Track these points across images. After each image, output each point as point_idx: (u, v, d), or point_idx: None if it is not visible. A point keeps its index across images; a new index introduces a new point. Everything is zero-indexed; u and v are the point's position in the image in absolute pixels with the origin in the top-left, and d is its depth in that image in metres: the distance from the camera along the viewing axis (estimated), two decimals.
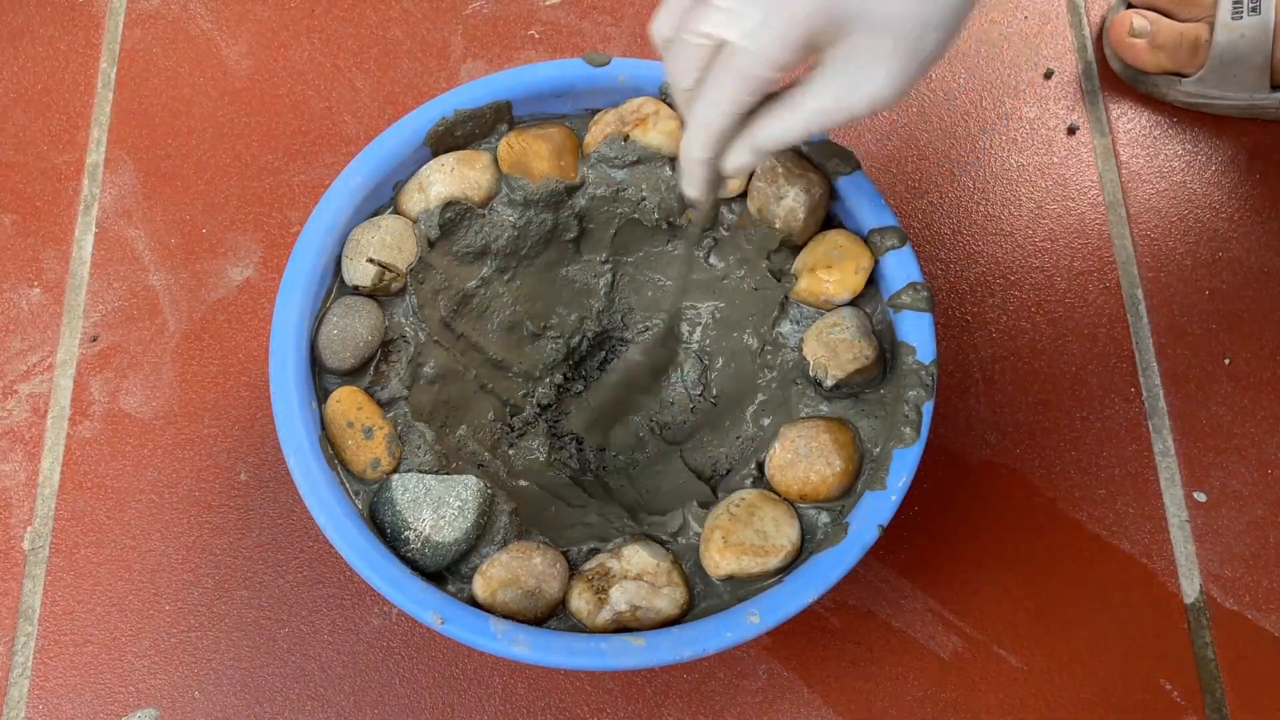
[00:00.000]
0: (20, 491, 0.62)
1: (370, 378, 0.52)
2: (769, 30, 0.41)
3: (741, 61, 0.42)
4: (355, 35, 0.73)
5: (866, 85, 0.42)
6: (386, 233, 0.53)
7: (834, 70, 0.42)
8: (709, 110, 0.43)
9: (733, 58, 0.42)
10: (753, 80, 0.42)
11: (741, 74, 0.42)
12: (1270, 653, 0.59)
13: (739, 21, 0.41)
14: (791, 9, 0.40)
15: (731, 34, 0.41)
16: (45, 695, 0.58)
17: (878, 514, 0.49)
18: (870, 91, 0.42)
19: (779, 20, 0.40)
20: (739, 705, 0.57)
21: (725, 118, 0.43)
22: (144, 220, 0.68)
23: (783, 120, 0.43)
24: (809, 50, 0.41)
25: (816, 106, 0.43)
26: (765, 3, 0.41)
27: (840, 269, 0.53)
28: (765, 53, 0.41)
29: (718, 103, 0.43)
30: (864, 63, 0.41)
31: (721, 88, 0.43)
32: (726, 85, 0.42)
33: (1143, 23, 0.69)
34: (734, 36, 0.41)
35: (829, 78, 0.42)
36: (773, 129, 0.44)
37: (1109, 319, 0.66)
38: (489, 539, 0.50)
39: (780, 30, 0.40)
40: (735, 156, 0.45)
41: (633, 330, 0.61)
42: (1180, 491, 0.62)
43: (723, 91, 0.43)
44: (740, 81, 0.42)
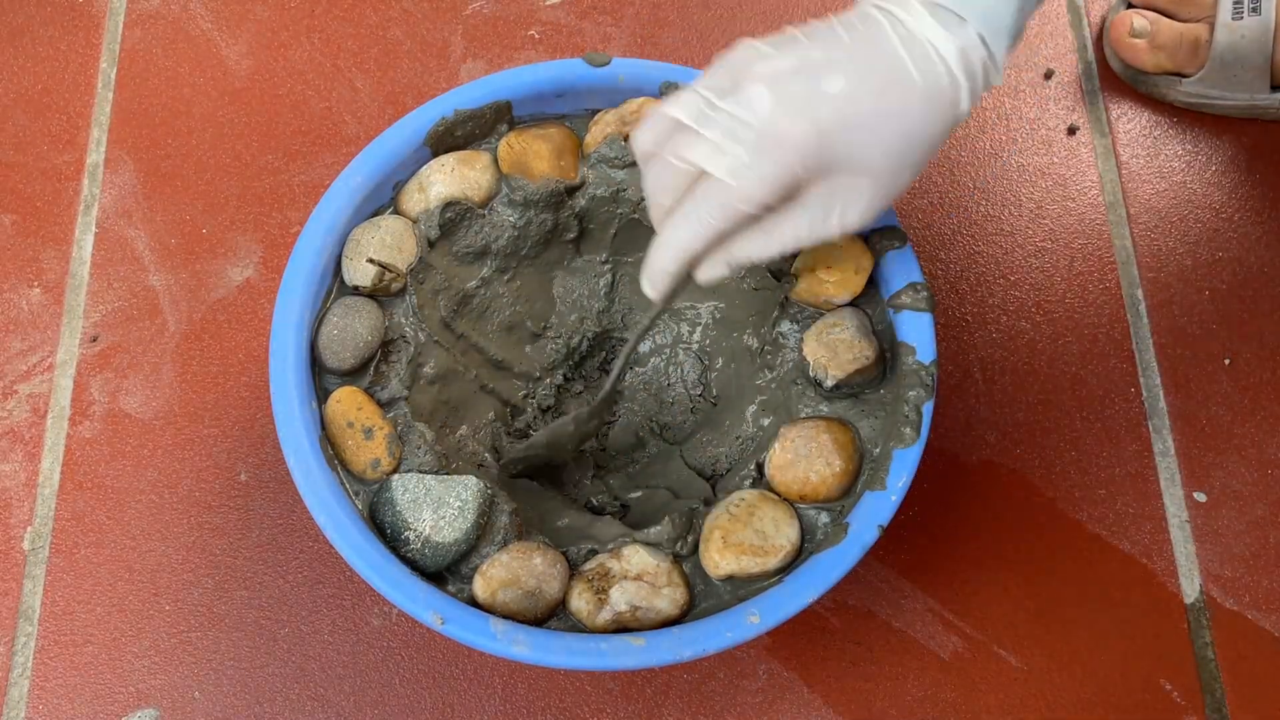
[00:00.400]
0: (20, 491, 0.62)
1: (370, 378, 0.52)
2: (755, 172, 0.42)
3: (723, 196, 0.42)
4: (355, 35, 0.73)
5: (841, 218, 0.43)
6: (386, 233, 0.53)
7: (811, 203, 0.43)
8: (684, 231, 0.44)
9: (715, 190, 0.43)
10: (733, 214, 0.43)
11: (722, 207, 0.43)
12: (1270, 653, 0.59)
13: (725, 158, 0.42)
14: (780, 155, 0.41)
15: (717, 169, 0.42)
16: (45, 695, 0.58)
17: (878, 514, 0.49)
18: (843, 223, 0.44)
19: (766, 163, 0.41)
20: (739, 705, 0.57)
21: (700, 241, 0.44)
22: (144, 220, 0.68)
23: (759, 244, 0.44)
24: (791, 189, 0.43)
25: (792, 233, 0.44)
26: (754, 144, 0.41)
27: (840, 269, 0.53)
28: (748, 192, 0.42)
29: (694, 228, 0.44)
30: (841, 198, 0.43)
31: (700, 215, 0.43)
32: (705, 214, 0.43)
33: (1143, 23, 0.69)
34: (719, 172, 0.42)
35: (806, 208, 0.43)
36: (749, 250, 0.45)
37: (1109, 319, 0.66)
38: (489, 539, 0.50)
39: (766, 173, 0.42)
40: (709, 269, 0.46)
41: (633, 330, 0.61)
42: (1180, 491, 0.62)
43: (701, 219, 0.43)
44: (720, 213, 0.43)
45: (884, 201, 0.44)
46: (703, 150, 0.42)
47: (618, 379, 0.55)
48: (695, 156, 0.43)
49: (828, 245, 0.54)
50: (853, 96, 0.41)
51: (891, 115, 0.42)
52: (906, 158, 0.43)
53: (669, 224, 0.45)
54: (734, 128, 0.42)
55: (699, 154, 0.43)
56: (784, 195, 0.43)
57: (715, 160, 0.42)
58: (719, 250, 0.45)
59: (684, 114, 0.43)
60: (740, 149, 0.42)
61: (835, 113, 0.41)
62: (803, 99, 0.41)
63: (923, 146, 0.43)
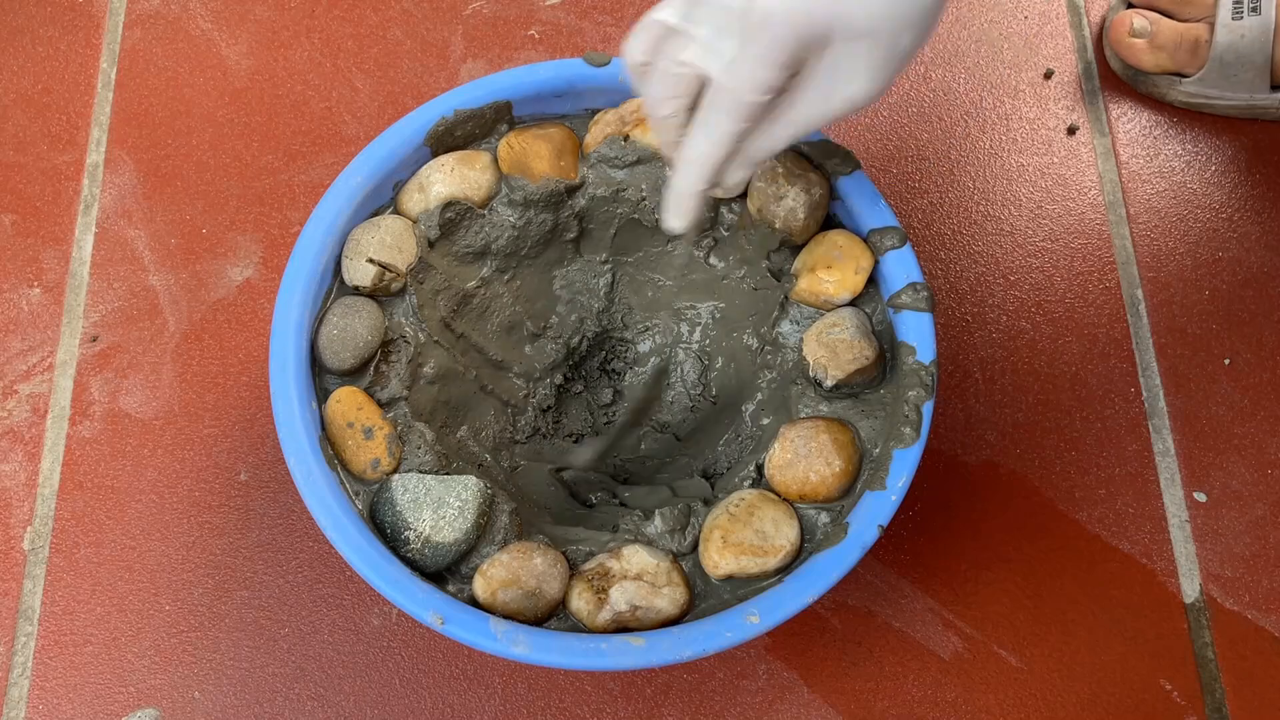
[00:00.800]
0: (20, 491, 0.62)
1: (370, 378, 0.52)
2: (749, 59, 0.41)
3: (728, 94, 0.42)
4: (355, 35, 0.73)
5: (846, 88, 0.42)
6: (386, 233, 0.53)
7: (816, 78, 0.42)
8: (705, 145, 0.44)
9: (719, 92, 0.42)
10: (744, 108, 0.42)
11: (732, 106, 0.42)
12: (1270, 653, 0.59)
13: (717, 53, 0.42)
14: (765, 35, 0.40)
15: (711, 66, 0.42)
16: (45, 695, 0.58)
17: (878, 514, 0.49)
18: (850, 94, 0.42)
19: (758, 47, 0.41)
20: (739, 705, 0.57)
21: (720, 148, 0.44)
22: (144, 220, 0.68)
23: (772, 134, 0.44)
24: (792, 67, 0.42)
25: (802, 114, 0.43)
26: (740, 31, 0.41)
27: (840, 269, 0.53)
28: (750, 81, 0.41)
29: (710, 135, 0.43)
30: (844, 68, 0.42)
31: (713, 122, 0.43)
32: (717, 118, 0.43)
33: (1143, 23, 0.69)
34: (714, 69, 0.42)
35: (811, 86, 0.42)
36: (763, 143, 0.44)
37: (1109, 319, 0.66)
38: (489, 539, 0.50)
39: (759, 56, 0.41)
40: (732, 173, 0.46)
41: (633, 330, 0.61)
42: (1180, 491, 0.62)
43: (715, 124, 0.43)
44: (731, 112, 0.42)
45: (890, 68, 0.42)
46: (694, 50, 0.42)
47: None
48: (689, 57, 0.42)
49: (828, 245, 0.54)
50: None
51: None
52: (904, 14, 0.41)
53: (687, 144, 0.44)
54: (719, 19, 0.41)
55: (692, 54, 0.42)
56: (786, 72, 0.42)
57: (708, 58, 0.42)
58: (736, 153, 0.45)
59: (671, 16, 0.43)
60: (730, 41, 0.41)
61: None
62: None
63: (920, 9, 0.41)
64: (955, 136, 0.70)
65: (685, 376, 0.61)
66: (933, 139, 0.70)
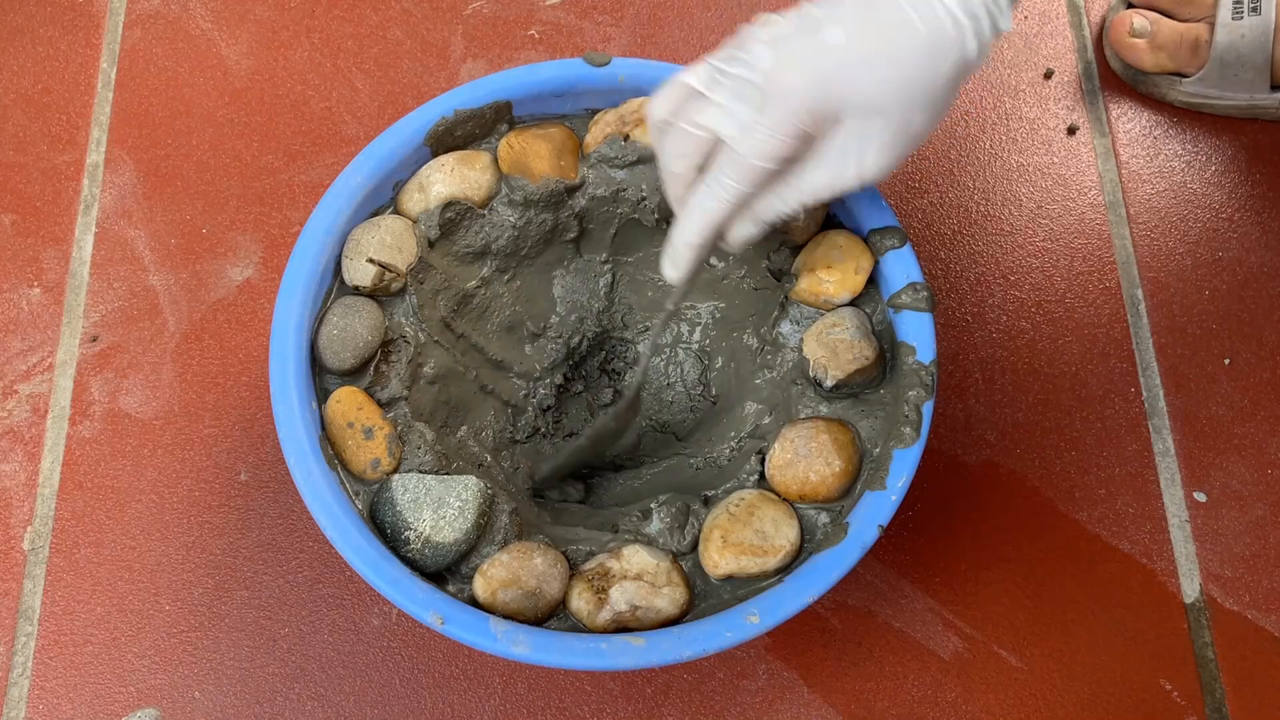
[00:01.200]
0: (20, 491, 0.62)
1: (370, 378, 0.52)
2: (763, 127, 0.43)
3: (738, 158, 0.44)
4: (355, 35, 0.73)
5: (858, 163, 0.44)
6: (386, 233, 0.53)
7: (828, 150, 0.44)
8: (709, 201, 0.46)
9: (730, 154, 0.44)
10: (751, 173, 0.44)
11: (739, 168, 0.44)
12: (1270, 653, 0.59)
13: (733, 118, 0.44)
14: (781, 106, 0.43)
15: (726, 130, 0.44)
16: (45, 695, 0.58)
17: (878, 514, 0.49)
18: (860, 170, 0.44)
19: (773, 117, 0.43)
20: (739, 705, 0.57)
21: (724, 207, 0.46)
22: (144, 220, 0.68)
23: (782, 198, 0.46)
24: (804, 140, 0.44)
25: (811, 184, 0.45)
26: (759, 100, 0.43)
27: (840, 269, 0.53)
28: (761, 148, 0.43)
29: (716, 194, 0.45)
30: (856, 143, 0.44)
31: (721, 181, 0.45)
32: (725, 179, 0.45)
33: (1143, 23, 0.69)
34: (729, 132, 0.44)
35: (824, 157, 0.44)
36: (775, 205, 0.46)
37: (1109, 319, 0.66)
38: (489, 539, 0.50)
39: (774, 125, 0.43)
40: (740, 230, 0.47)
41: (633, 330, 0.61)
42: (1180, 491, 0.62)
43: (722, 184, 0.45)
44: (739, 175, 0.44)
45: (900, 147, 0.44)
46: (713, 113, 0.44)
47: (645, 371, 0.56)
48: (706, 120, 0.44)
49: (828, 245, 0.54)
50: (852, 44, 0.42)
51: (893, 57, 0.42)
52: (915, 98, 0.43)
53: (692, 197, 0.46)
54: (740, 88, 0.43)
55: (709, 117, 0.44)
56: (797, 146, 0.44)
57: (725, 122, 0.44)
58: (745, 212, 0.46)
59: (696, 80, 0.45)
60: (746, 107, 0.43)
61: (836, 60, 0.42)
62: (803, 52, 0.43)
63: (931, 87, 0.43)
64: (955, 136, 0.70)
65: (685, 376, 0.61)
66: (933, 139, 0.70)
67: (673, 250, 0.48)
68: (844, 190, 0.45)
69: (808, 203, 0.46)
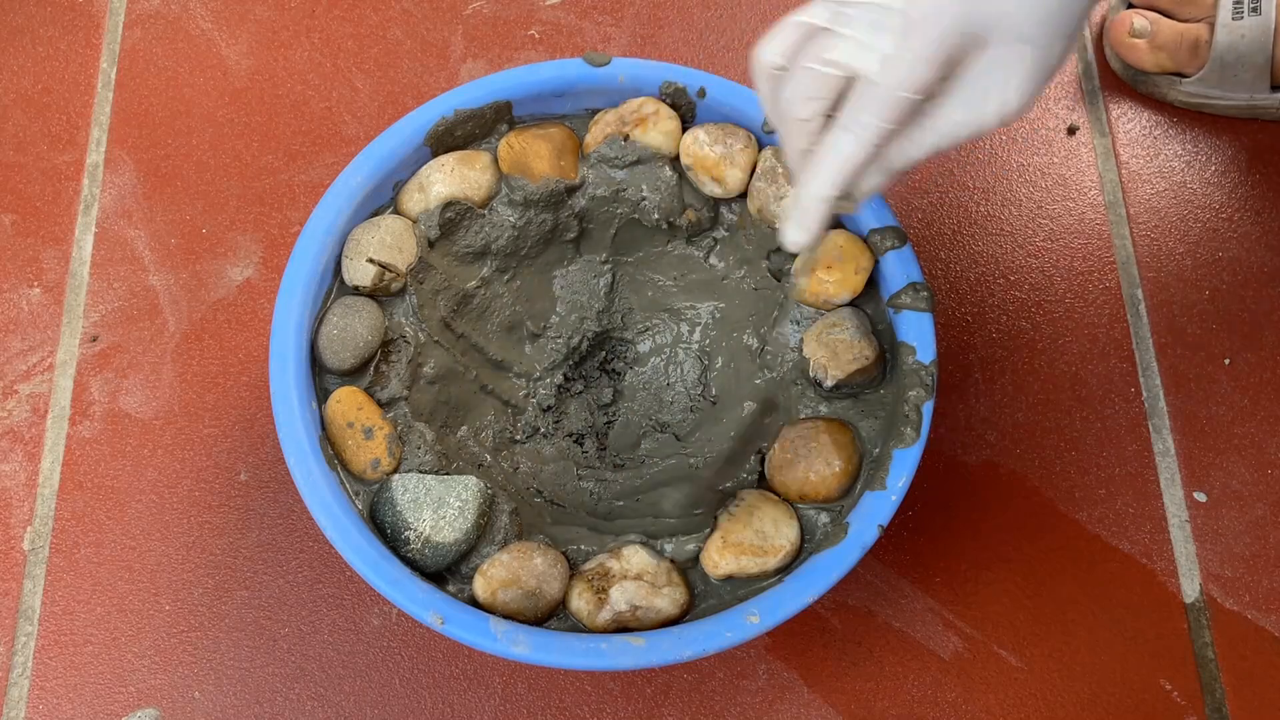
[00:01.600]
0: (20, 491, 0.62)
1: (370, 378, 0.52)
2: (906, 56, 0.40)
3: (882, 92, 0.40)
4: (355, 35, 0.73)
5: (999, 97, 0.41)
6: (386, 233, 0.53)
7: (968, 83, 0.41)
8: (850, 145, 0.42)
9: (871, 88, 0.41)
10: (897, 106, 0.41)
11: (884, 104, 0.40)
12: (1270, 653, 0.59)
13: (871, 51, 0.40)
14: (927, 30, 0.39)
15: (866, 65, 0.40)
16: (45, 695, 0.58)
17: (878, 514, 0.49)
18: (1002, 103, 0.41)
19: (916, 44, 0.40)
20: (739, 705, 0.57)
21: (867, 149, 0.42)
22: (144, 220, 0.68)
23: (916, 140, 0.42)
24: (949, 66, 0.41)
25: (949, 123, 0.42)
26: (898, 27, 0.40)
27: (840, 269, 0.53)
28: (906, 79, 0.40)
29: (859, 137, 0.41)
30: (997, 75, 0.41)
31: (861, 121, 0.41)
32: (866, 118, 0.41)
33: (1143, 23, 0.69)
34: (869, 66, 0.40)
35: (962, 92, 0.41)
36: (907, 150, 0.42)
37: (1109, 319, 0.66)
38: (489, 539, 0.50)
39: (918, 54, 0.40)
40: (869, 179, 0.44)
41: (633, 330, 0.61)
42: (1180, 491, 0.62)
43: (862, 124, 0.41)
44: (885, 111, 0.41)
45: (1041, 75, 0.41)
46: (847, 48, 0.40)
47: None
48: (840, 55, 0.41)
49: (828, 245, 0.54)
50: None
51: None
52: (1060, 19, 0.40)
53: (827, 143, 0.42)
54: (877, 18, 0.40)
55: (844, 52, 0.41)
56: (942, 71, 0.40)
57: (863, 56, 0.40)
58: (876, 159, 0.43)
59: (817, 18, 0.41)
60: (886, 37, 0.40)
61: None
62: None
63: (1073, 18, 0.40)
64: None
65: (685, 376, 0.61)
66: None
67: (801, 210, 0.43)
68: (983, 129, 0.42)
69: (943, 145, 0.42)
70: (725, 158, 0.54)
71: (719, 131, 0.54)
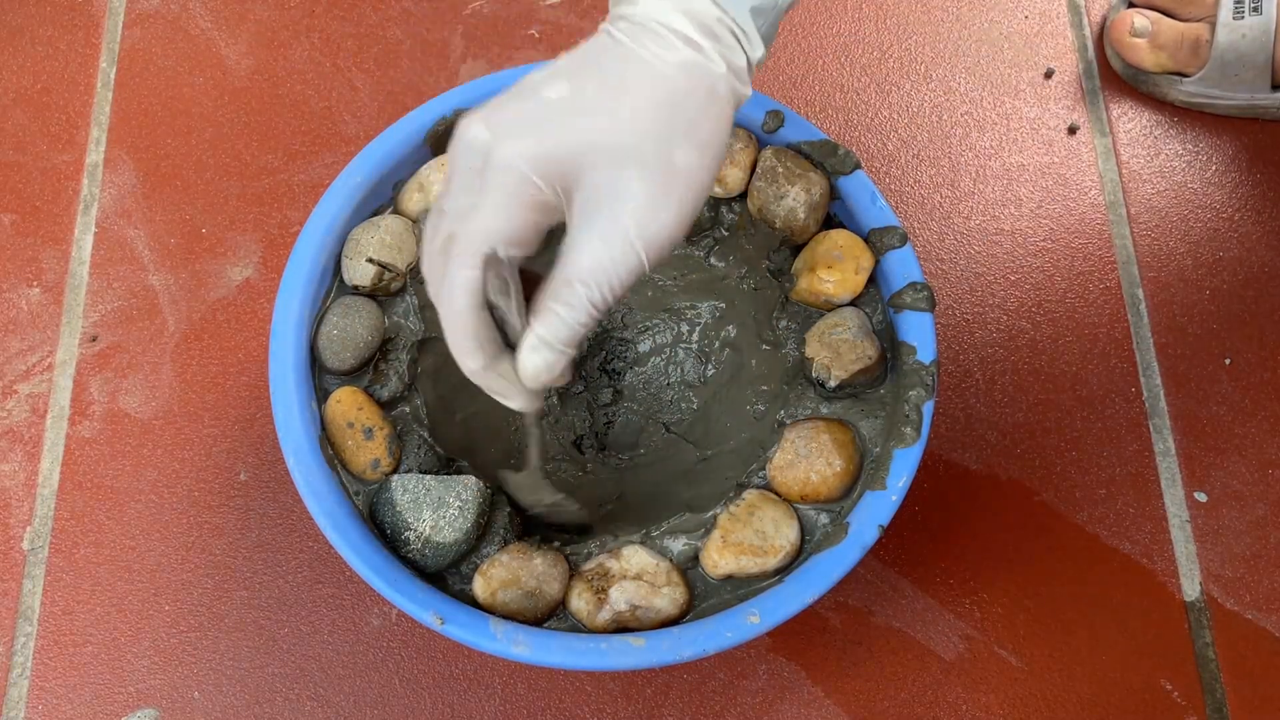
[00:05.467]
0: (20, 491, 0.62)
1: (370, 378, 0.52)
2: (487, 203, 0.38)
3: (458, 243, 0.39)
4: (355, 35, 0.73)
5: (632, 221, 0.38)
6: (386, 232, 0.53)
7: (589, 217, 0.38)
8: (446, 306, 0.40)
9: (453, 241, 0.39)
10: (478, 254, 0.39)
11: (467, 252, 0.39)
12: (1271, 653, 0.59)
13: (452, 209, 0.39)
14: (507, 177, 0.38)
15: (457, 224, 0.39)
16: (45, 695, 0.58)
17: (878, 514, 0.49)
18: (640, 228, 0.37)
19: (496, 191, 0.38)
20: (739, 705, 0.57)
21: (463, 306, 0.39)
22: (144, 220, 0.68)
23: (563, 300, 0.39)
24: (545, 211, 0.39)
25: (590, 263, 0.38)
26: (477, 184, 0.38)
27: (841, 269, 0.53)
28: (483, 226, 0.38)
29: (449, 296, 0.39)
30: (616, 198, 0.37)
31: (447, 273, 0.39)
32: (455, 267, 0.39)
33: (1144, 22, 0.68)
34: (457, 225, 0.39)
35: (587, 226, 0.38)
36: (558, 314, 0.39)
37: (1109, 319, 0.66)
38: (489, 539, 0.50)
39: (497, 200, 0.38)
40: (526, 354, 0.40)
41: (633, 330, 0.61)
42: (1181, 491, 0.62)
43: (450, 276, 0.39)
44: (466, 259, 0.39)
45: (674, 192, 0.38)
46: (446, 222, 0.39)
47: None
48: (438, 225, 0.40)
49: (828, 245, 0.54)
50: (578, 91, 0.38)
51: (627, 92, 0.37)
52: (666, 131, 0.37)
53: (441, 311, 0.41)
54: (464, 179, 0.39)
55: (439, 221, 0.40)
56: (536, 218, 0.39)
57: (456, 221, 0.39)
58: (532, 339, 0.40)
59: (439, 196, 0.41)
60: (472, 195, 0.38)
61: (560, 112, 0.38)
62: (521, 115, 0.38)
63: (684, 117, 0.38)
64: (955, 136, 0.70)
65: (685, 376, 0.60)
66: (933, 138, 0.70)
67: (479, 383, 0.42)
68: (628, 264, 0.38)
69: (596, 299, 0.38)
70: (725, 158, 0.53)
71: None
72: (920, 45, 0.73)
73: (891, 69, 0.72)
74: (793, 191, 0.53)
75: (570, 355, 0.41)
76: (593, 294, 0.39)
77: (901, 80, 0.72)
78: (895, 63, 0.72)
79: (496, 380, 0.42)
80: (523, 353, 0.41)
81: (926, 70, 0.72)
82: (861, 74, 0.72)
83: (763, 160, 0.54)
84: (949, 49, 0.73)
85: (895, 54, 0.72)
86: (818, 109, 0.71)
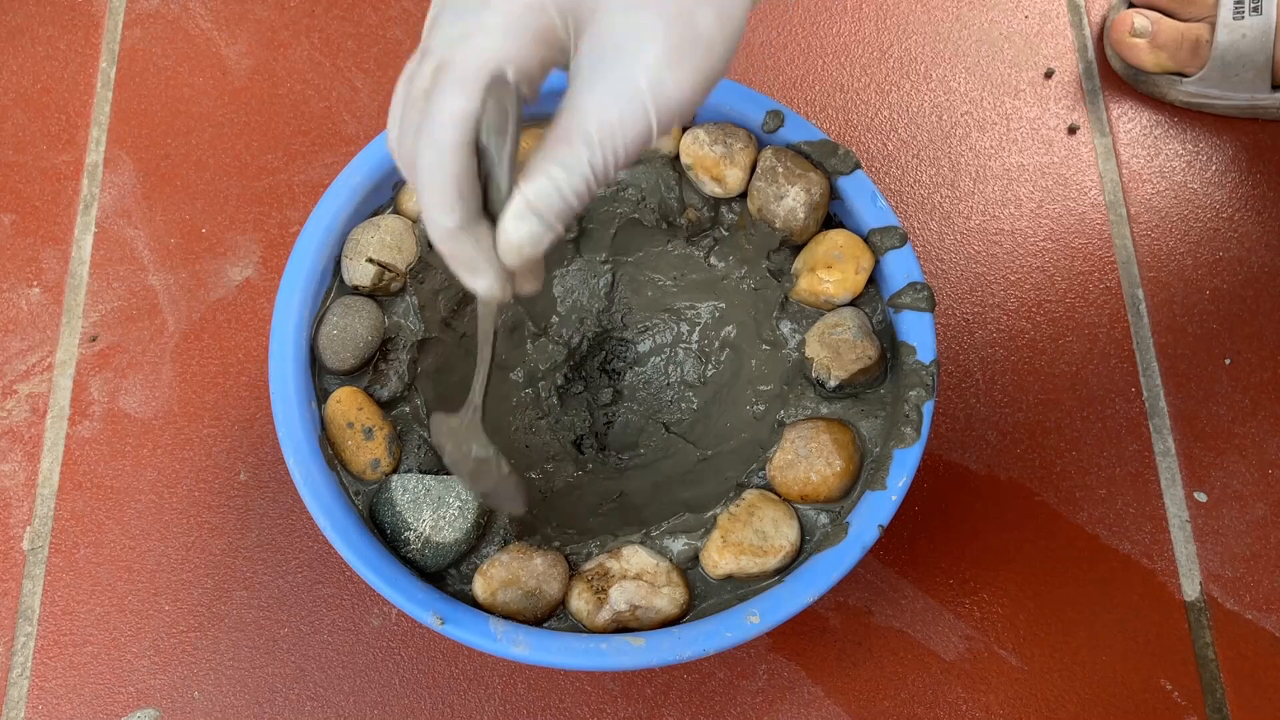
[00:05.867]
0: (20, 491, 0.62)
1: (370, 378, 0.52)
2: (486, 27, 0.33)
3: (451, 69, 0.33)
4: (355, 35, 0.73)
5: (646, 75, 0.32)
6: (386, 233, 0.53)
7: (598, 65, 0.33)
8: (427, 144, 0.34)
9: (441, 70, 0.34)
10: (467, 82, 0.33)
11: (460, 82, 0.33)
12: (1270, 653, 0.59)
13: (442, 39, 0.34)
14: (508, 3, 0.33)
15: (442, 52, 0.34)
16: (45, 695, 0.58)
17: (878, 514, 0.49)
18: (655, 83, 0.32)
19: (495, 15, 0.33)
20: (739, 705, 0.57)
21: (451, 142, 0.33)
22: (144, 220, 0.68)
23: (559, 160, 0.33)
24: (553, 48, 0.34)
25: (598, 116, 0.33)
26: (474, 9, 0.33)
27: (840, 269, 0.53)
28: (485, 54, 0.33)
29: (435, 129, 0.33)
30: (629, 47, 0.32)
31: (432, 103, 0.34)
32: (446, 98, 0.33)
33: (1144, 22, 0.68)
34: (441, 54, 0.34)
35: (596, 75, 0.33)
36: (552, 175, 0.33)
37: (1109, 319, 0.66)
38: (489, 539, 0.50)
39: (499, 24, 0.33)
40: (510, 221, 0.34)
41: (633, 330, 0.61)
42: (1181, 491, 0.62)
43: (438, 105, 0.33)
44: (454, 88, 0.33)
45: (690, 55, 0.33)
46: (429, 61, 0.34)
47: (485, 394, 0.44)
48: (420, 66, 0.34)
49: (828, 245, 0.54)
50: None
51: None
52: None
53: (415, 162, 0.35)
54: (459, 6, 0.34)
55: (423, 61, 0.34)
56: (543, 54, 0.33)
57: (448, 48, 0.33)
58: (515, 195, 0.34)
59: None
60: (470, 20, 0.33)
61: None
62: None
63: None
64: (955, 136, 0.70)
65: (685, 376, 0.61)
66: (933, 138, 0.70)
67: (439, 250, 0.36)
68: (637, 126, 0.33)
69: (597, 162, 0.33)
70: (725, 157, 0.53)
71: (719, 131, 0.54)
72: (920, 45, 0.73)
73: (891, 69, 0.72)
74: (793, 191, 0.53)
75: (557, 233, 0.35)
76: (594, 155, 0.33)
77: (901, 80, 0.72)
78: (895, 63, 0.72)
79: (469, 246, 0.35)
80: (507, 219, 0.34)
81: (926, 70, 0.72)
82: (861, 74, 0.72)
83: (763, 160, 0.54)
84: (949, 49, 0.73)
85: (895, 54, 0.72)
86: (818, 109, 0.71)
